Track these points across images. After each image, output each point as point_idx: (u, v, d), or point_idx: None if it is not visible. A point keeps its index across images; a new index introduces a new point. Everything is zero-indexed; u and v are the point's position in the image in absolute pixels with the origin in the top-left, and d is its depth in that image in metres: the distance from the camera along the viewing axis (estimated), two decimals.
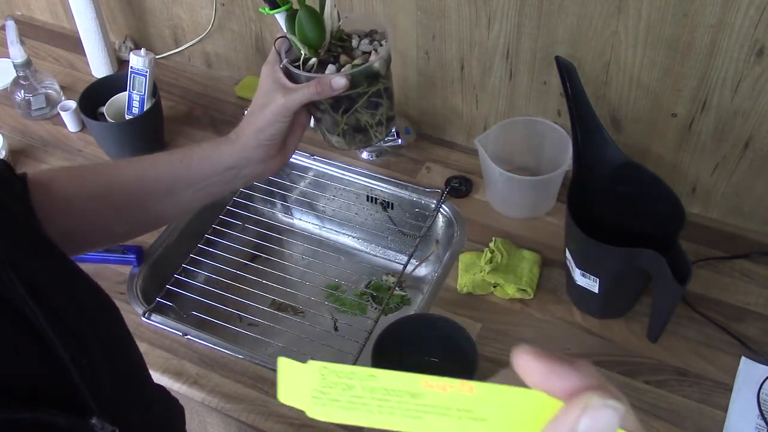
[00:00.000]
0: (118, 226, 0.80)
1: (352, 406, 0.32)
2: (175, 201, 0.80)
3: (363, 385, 0.31)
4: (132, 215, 0.79)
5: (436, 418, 0.31)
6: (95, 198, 0.77)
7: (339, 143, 0.86)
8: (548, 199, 1.20)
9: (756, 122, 1.04)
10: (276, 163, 0.83)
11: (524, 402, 0.31)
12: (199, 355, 1.05)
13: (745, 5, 0.94)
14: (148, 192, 0.78)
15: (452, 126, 1.32)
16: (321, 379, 0.32)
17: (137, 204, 0.79)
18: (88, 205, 0.76)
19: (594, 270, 0.99)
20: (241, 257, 1.24)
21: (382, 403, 0.31)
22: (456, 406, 0.31)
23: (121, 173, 0.79)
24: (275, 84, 0.79)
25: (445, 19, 1.16)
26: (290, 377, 0.32)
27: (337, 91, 0.78)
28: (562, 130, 1.15)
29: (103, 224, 0.78)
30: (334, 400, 0.32)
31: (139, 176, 0.78)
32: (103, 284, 1.13)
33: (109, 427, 0.53)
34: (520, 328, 1.06)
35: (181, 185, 0.79)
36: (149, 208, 0.79)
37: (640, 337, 1.03)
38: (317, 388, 0.32)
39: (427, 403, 0.30)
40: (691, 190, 1.17)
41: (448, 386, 0.30)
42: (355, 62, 0.81)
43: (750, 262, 1.12)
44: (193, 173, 0.79)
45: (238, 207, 1.27)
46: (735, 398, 0.97)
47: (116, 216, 0.78)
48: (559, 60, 0.97)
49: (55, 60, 1.55)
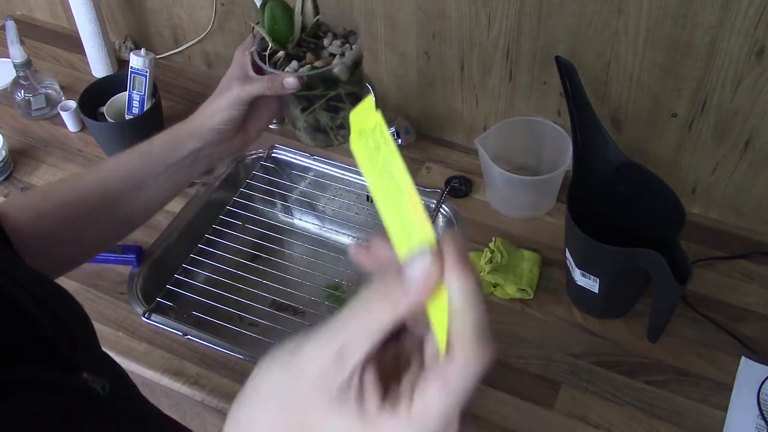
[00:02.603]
0: (90, 235, 0.80)
1: (369, 159, 0.40)
2: (144, 197, 0.81)
3: (384, 154, 0.39)
4: (102, 221, 0.80)
5: (392, 211, 0.39)
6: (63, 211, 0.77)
7: (302, 138, 0.86)
8: (548, 199, 1.20)
9: (756, 122, 1.04)
10: (235, 145, 0.84)
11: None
12: (199, 355, 1.05)
13: (745, 5, 0.94)
14: (116, 193, 0.79)
15: (452, 126, 1.32)
16: (373, 128, 0.41)
17: (105, 208, 0.79)
18: (56, 221, 0.76)
19: (594, 270, 0.99)
20: (241, 257, 1.24)
21: (382, 173, 0.39)
22: (407, 218, 0.39)
23: (84, 182, 0.80)
24: (239, 71, 0.80)
25: (445, 19, 1.16)
26: (362, 113, 0.42)
27: (288, 91, 0.78)
28: (562, 130, 1.15)
29: (74, 237, 0.78)
30: (365, 144, 0.41)
31: (102, 179, 0.79)
32: (103, 284, 1.14)
33: (100, 381, 0.54)
34: (520, 328, 1.06)
35: (149, 179, 0.80)
36: (119, 210, 0.80)
37: (640, 337, 1.03)
38: (366, 131, 0.41)
39: (399, 200, 0.39)
40: (691, 190, 1.17)
41: (414, 207, 0.38)
42: (316, 64, 0.80)
43: (750, 262, 1.12)
44: (157, 162, 0.80)
45: (238, 207, 1.27)
46: (735, 398, 0.97)
47: (87, 225, 0.78)
48: (559, 60, 0.97)
49: (55, 60, 1.55)
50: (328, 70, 0.79)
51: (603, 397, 0.98)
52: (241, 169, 1.35)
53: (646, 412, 0.96)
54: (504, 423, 0.96)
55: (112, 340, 1.06)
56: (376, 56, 1.27)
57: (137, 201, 0.80)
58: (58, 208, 0.77)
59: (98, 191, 0.79)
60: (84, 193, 0.78)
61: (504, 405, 0.97)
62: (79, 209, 0.78)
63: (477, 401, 0.97)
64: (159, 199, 0.83)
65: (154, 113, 1.30)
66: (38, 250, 0.71)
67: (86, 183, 0.79)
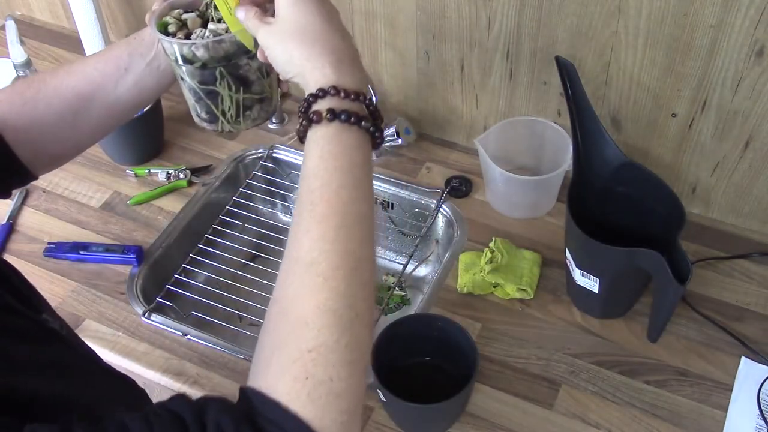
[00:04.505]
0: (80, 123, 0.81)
1: None
2: (129, 81, 0.80)
3: None
4: (91, 106, 0.80)
5: None
6: (50, 96, 0.79)
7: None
8: (548, 199, 1.20)
9: (756, 122, 1.04)
10: None
11: None
12: (199, 355, 1.05)
13: (745, 5, 0.94)
14: (105, 75, 0.80)
15: (452, 126, 1.32)
16: None
17: (94, 91, 0.80)
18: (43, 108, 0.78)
19: (594, 270, 0.99)
20: (241, 257, 1.24)
21: None
22: None
23: (71, 69, 0.81)
24: None
25: (445, 19, 1.16)
26: None
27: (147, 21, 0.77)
28: (562, 130, 1.15)
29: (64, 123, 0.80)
30: None
31: (91, 63, 0.81)
32: (103, 284, 1.14)
33: (57, 321, 0.65)
34: (520, 328, 1.06)
35: (136, 58, 0.80)
36: (108, 92, 0.80)
37: (640, 337, 1.03)
38: None
39: None
40: (691, 190, 1.17)
41: None
42: (177, 34, 0.74)
43: (750, 262, 1.12)
44: (141, 45, 0.80)
45: (238, 207, 1.27)
46: (735, 398, 0.97)
47: (77, 109, 0.80)
48: (559, 60, 0.97)
49: (55, 60, 1.55)
50: (160, 37, 0.73)
51: (603, 397, 0.98)
52: (241, 169, 1.35)
53: (646, 412, 0.96)
54: (504, 423, 0.96)
55: (112, 340, 1.06)
56: (376, 56, 1.27)
57: (125, 84, 0.81)
58: (46, 94, 0.78)
59: (86, 76, 0.80)
60: (72, 77, 0.80)
61: (504, 405, 0.97)
62: (67, 93, 0.79)
63: (477, 401, 0.98)
64: (145, 85, 0.82)
65: (154, 113, 1.30)
66: (28, 140, 0.76)
67: (73, 69, 0.81)
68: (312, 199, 0.57)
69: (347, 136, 0.60)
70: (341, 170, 0.58)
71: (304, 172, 0.59)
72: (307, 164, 0.59)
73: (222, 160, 1.33)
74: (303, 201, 0.58)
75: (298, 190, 0.59)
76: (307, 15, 0.63)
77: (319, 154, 0.59)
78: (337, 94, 0.60)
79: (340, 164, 0.59)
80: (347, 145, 0.60)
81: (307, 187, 0.58)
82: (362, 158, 0.60)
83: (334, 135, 0.60)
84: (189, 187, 1.28)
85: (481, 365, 0.96)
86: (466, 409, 0.97)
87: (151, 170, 1.30)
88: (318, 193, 0.57)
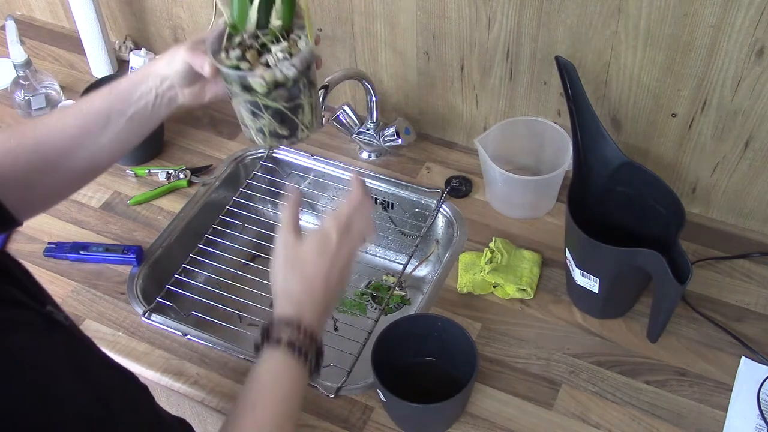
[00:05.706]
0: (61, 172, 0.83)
1: None
2: (111, 133, 0.84)
3: None
4: (72, 157, 0.83)
5: None
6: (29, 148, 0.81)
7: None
8: (548, 199, 1.20)
9: (756, 122, 1.04)
10: (188, 96, 0.86)
11: None
12: (199, 355, 1.05)
13: (745, 5, 0.94)
14: (85, 129, 0.83)
15: (452, 126, 1.32)
16: None
17: (73, 146, 0.82)
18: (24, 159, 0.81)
19: (594, 270, 0.99)
20: (241, 257, 1.24)
21: None
22: None
23: (52, 120, 0.84)
24: (199, 37, 0.83)
25: (445, 19, 1.16)
26: None
27: (205, 73, 0.81)
28: (562, 130, 1.15)
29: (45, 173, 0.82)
30: None
31: (71, 115, 0.84)
32: (103, 284, 1.14)
33: (61, 314, 0.67)
34: (520, 328, 1.06)
35: (115, 116, 0.83)
36: (88, 145, 0.83)
37: (640, 337, 1.03)
38: None
39: None
40: (691, 190, 1.17)
41: None
42: (241, 64, 0.78)
43: (750, 262, 1.12)
44: (123, 99, 0.83)
45: (238, 207, 1.27)
46: (735, 398, 0.97)
47: (57, 160, 0.82)
48: (559, 60, 0.97)
49: (55, 60, 1.55)
50: (238, 74, 0.77)
51: (603, 397, 0.98)
52: (241, 169, 1.35)
53: (646, 412, 0.96)
54: (504, 423, 0.96)
55: (112, 340, 1.06)
56: (376, 56, 1.27)
57: (104, 138, 0.83)
58: (25, 148, 0.81)
59: (65, 132, 0.83)
60: (52, 129, 0.83)
61: (504, 405, 0.97)
62: (47, 145, 0.81)
63: (477, 401, 0.98)
64: (125, 137, 0.86)
65: None
66: (10, 188, 0.78)
67: (52, 124, 0.83)
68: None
69: (293, 365, 0.74)
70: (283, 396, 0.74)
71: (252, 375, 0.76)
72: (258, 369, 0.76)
73: (222, 160, 1.33)
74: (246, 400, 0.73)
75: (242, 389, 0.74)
76: (326, 263, 0.80)
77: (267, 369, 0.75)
78: (302, 333, 0.75)
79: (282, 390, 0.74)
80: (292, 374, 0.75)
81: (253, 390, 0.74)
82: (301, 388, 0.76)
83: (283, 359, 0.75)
84: (189, 187, 1.29)
85: (481, 365, 0.96)
86: (466, 409, 0.97)
87: (151, 170, 1.30)
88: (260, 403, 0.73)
